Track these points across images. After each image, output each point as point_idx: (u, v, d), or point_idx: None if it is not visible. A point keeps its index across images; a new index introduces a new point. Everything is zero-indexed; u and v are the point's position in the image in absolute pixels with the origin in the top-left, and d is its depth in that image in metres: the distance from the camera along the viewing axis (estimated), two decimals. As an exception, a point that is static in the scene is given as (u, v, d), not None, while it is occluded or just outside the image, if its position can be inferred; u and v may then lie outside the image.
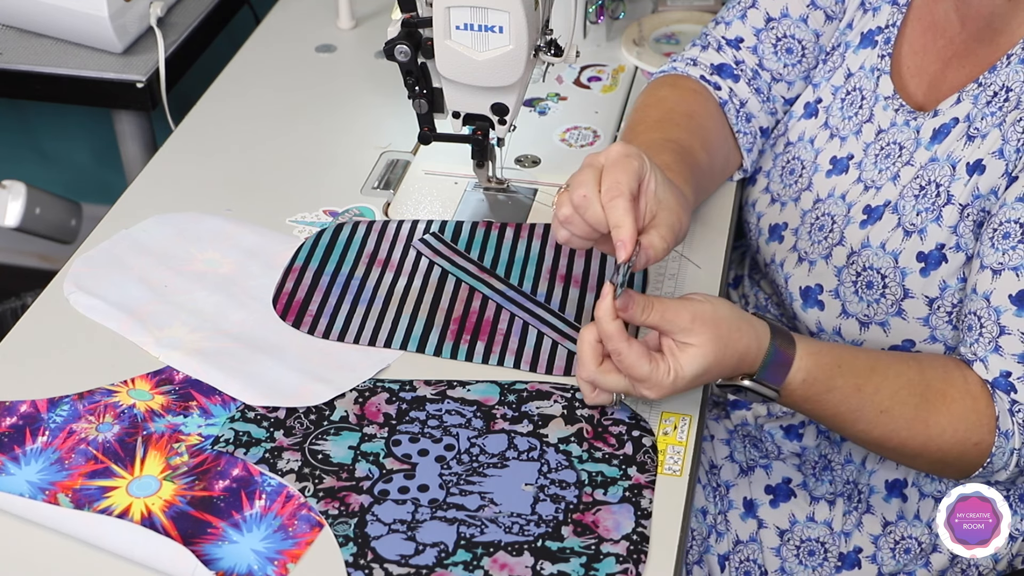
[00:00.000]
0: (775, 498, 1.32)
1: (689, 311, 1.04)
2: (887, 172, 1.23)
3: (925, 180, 1.19)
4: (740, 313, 1.07)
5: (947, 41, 1.23)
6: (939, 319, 1.19)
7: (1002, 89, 1.16)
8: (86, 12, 1.67)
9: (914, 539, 1.29)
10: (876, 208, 1.22)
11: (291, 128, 1.55)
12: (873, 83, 1.27)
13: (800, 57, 1.34)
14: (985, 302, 1.12)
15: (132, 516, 1.03)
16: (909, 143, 1.22)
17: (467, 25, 1.23)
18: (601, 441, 1.10)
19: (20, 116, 2.53)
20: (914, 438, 1.12)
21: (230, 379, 1.16)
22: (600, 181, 1.04)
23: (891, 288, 1.20)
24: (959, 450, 1.12)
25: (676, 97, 1.34)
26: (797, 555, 1.31)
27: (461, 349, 1.20)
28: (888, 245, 1.20)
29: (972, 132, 1.17)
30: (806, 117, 1.33)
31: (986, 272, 1.13)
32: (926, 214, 1.18)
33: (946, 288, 1.18)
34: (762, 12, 1.34)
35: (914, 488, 1.29)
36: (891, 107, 1.25)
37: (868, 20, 1.30)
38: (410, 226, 1.36)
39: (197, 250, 1.33)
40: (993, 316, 1.12)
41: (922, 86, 1.25)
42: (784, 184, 1.31)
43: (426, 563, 0.99)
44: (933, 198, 1.18)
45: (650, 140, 1.25)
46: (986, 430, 1.12)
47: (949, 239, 1.17)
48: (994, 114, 1.16)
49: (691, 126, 1.29)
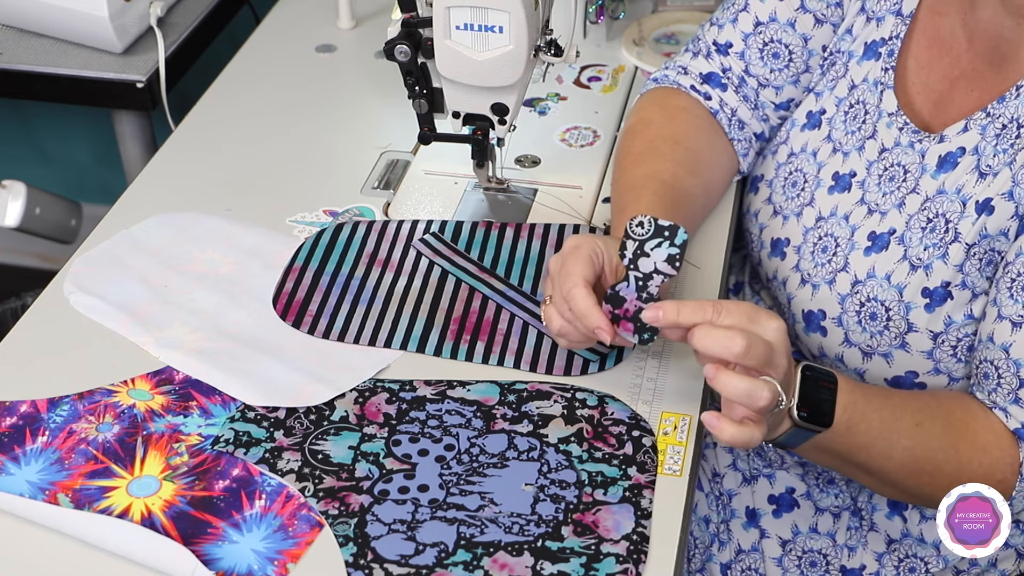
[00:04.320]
0: (778, 508, 1.32)
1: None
2: (892, 197, 1.21)
3: (933, 213, 1.17)
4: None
5: (953, 59, 1.21)
6: (943, 352, 1.18)
7: (1012, 122, 1.14)
8: (86, 12, 1.67)
9: (920, 559, 1.28)
10: (881, 236, 1.21)
11: (291, 128, 1.55)
12: (877, 97, 1.25)
13: (787, 62, 1.32)
14: (1004, 353, 1.11)
15: (132, 516, 1.03)
16: (914, 167, 1.20)
17: (467, 25, 1.23)
18: (601, 441, 1.10)
19: (20, 116, 2.53)
20: (948, 462, 1.11)
21: (230, 379, 1.16)
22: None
23: (895, 321, 1.18)
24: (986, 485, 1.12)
25: (662, 120, 1.34)
26: (799, 566, 1.30)
27: (461, 349, 1.20)
28: (893, 278, 1.18)
29: (984, 169, 1.15)
30: (809, 128, 1.30)
31: (1005, 323, 1.11)
32: (933, 249, 1.17)
33: (951, 324, 1.17)
34: (752, 16, 1.33)
35: (915, 511, 1.28)
36: (895, 124, 1.22)
37: (872, 30, 1.27)
38: (410, 226, 1.36)
39: (197, 250, 1.33)
40: (1012, 368, 1.11)
41: (927, 104, 1.22)
42: (786, 196, 1.30)
43: (426, 563, 0.99)
44: (941, 234, 1.16)
45: (632, 179, 1.26)
46: (1009, 470, 1.12)
47: (955, 277, 1.16)
48: (1005, 151, 1.14)
49: (675, 153, 1.29)
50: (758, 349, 0.98)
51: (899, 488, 1.16)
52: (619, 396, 1.15)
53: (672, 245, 1.06)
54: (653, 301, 1.05)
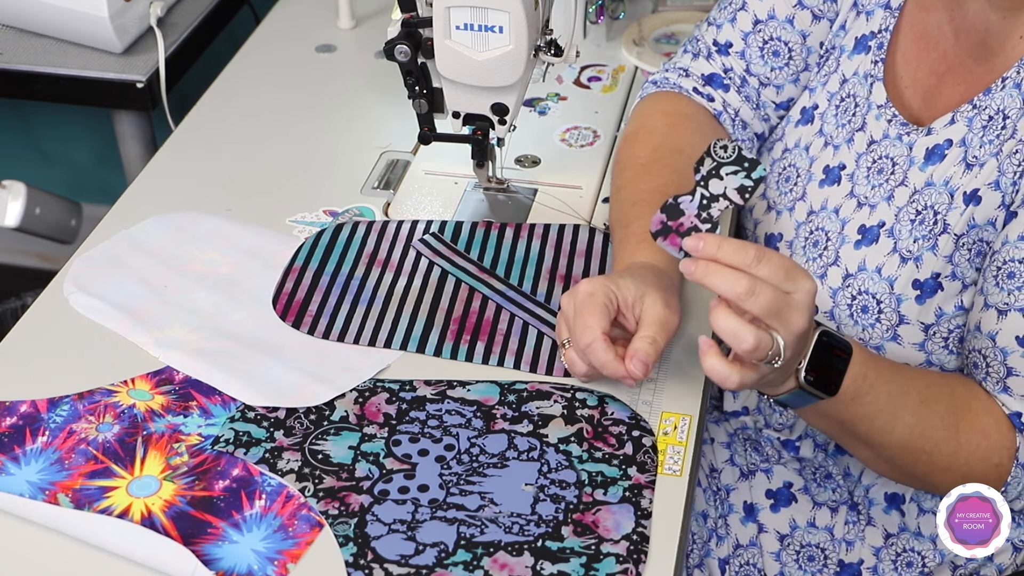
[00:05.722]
0: (776, 503, 1.32)
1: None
2: (880, 190, 1.21)
3: (921, 205, 1.18)
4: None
5: (940, 54, 1.21)
6: (935, 344, 1.18)
7: (997, 114, 1.14)
8: (86, 12, 1.67)
9: (917, 552, 1.28)
10: (871, 228, 1.21)
11: (291, 128, 1.55)
12: (866, 90, 1.25)
13: (787, 60, 1.33)
14: (991, 342, 1.12)
15: (132, 516, 1.03)
16: (902, 160, 1.20)
17: (467, 25, 1.23)
18: (601, 441, 1.10)
19: (20, 116, 2.53)
20: (947, 441, 1.11)
21: (230, 379, 1.16)
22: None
23: (886, 313, 1.19)
24: (983, 468, 1.12)
25: (666, 128, 1.34)
26: (797, 560, 1.30)
27: (461, 349, 1.20)
28: (884, 270, 1.19)
29: (971, 160, 1.15)
30: (802, 123, 1.31)
31: (991, 311, 1.12)
32: (923, 241, 1.17)
33: (942, 315, 1.17)
34: (751, 15, 1.33)
35: (913, 504, 1.28)
36: (884, 116, 1.23)
37: (862, 24, 1.28)
38: (410, 226, 1.36)
39: (197, 250, 1.33)
40: (1000, 357, 1.11)
41: (916, 98, 1.23)
42: (780, 191, 1.31)
43: (426, 563, 0.99)
44: (930, 225, 1.17)
45: (637, 193, 1.26)
46: (1007, 454, 1.12)
47: (945, 268, 1.16)
48: (991, 142, 1.14)
49: (680, 163, 1.28)
50: (764, 298, 0.97)
51: (895, 465, 1.16)
52: (619, 396, 1.15)
53: (748, 177, 1.04)
54: (711, 224, 1.04)
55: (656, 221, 1.05)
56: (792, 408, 1.11)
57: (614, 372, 1.09)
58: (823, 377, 1.05)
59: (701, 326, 1.24)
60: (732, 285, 0.97)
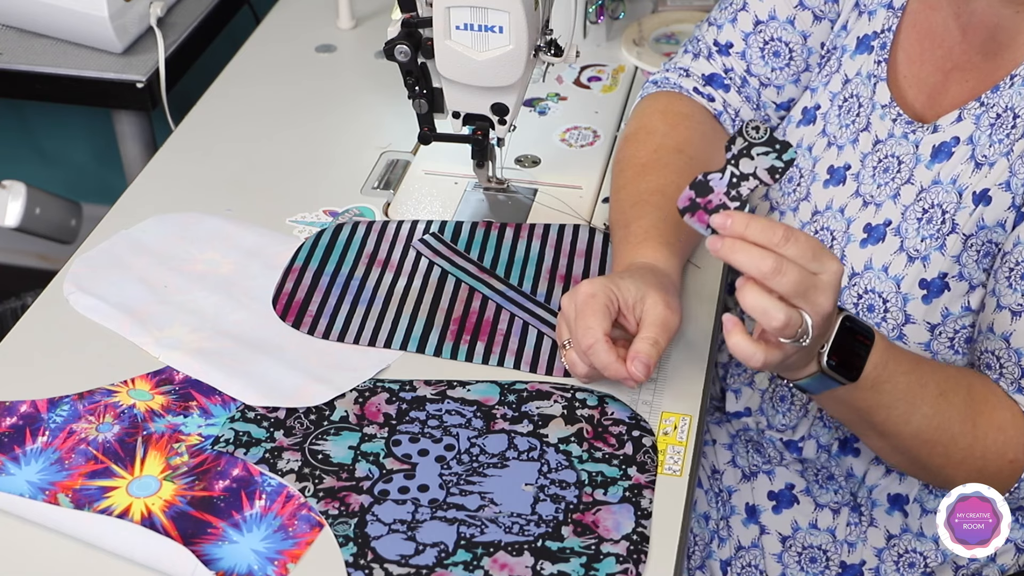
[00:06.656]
0: (778, 504, 1.32)
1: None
2: (886, 188, 1.21)
3: (928, 203, 1.17)
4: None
5: (946, 51, 1.21)
6: (941, 344, 1.18)
7: (1006, 111, 1.14)
8: (86, 12, 1.67)
9: (919, 553, 1.28)
10: (877, 227, 1.21)
11: (291, 128, 1.55)
12: (870, 90, 1.25)
13: (788, 60, 1.33)
14: (1004, 343, 1.11)
15: (132, 516, 1.03)
16: (908, 158, 1.20)
17: (467, 25, 1.24)
18: (601, 441, 1.10)
19: (20, 116, 2.53)
20: (964, 434, 1.10)
21: (230, 379, 1.16)
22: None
23: (892, 313, 1.18)
24: (998, 464, 1.11)
25: (665, 128, 1.33)
26: (799, 562, 1.30)
27: (461, 349, 1.20)
28: (891, 270, 1.18)
29: (980, 159, 1.15)
30: (804, 124, 1.31)
31: (1004, 313, 1.11)
32: (930, 240, 1.17)
33: (948, 315, 1.17)
34: (751, 15, 1.33)
35: (916, 504, 1.28)
36: (888, 116, 1.22)
37: (864, 24, 1.27)
38: (410, 226, 1.36)
39: (197, 250, 1.33)
40: (1014, 358, 1.11)
41: (920, 97, 1.22)
42: (783, 192, 1.30)
43: (426, 563, 0.99)
44: (938, 224, 1.16)
45: (637, 193, 1.26)
46: (1022, 450, 1.11)
47: (952, 268, 1.16)
48: (1001, 141, 1.14)
49: (679, 163, 1.28)
50: (790, 277, 0.97)
51: (910, 456, 1.15)
52: (619, 396, 1.15)
53: (779, 159, 1.04)
54: (739, 202, 1.04)
55: (684, 198, 1.04)
56: (811, 393, 1.10)
57: (615, 374, 1.09)
58: (845, 362, 1.05)
59: (701, 326, 1.24)
60: (758, 263, 0.97)
